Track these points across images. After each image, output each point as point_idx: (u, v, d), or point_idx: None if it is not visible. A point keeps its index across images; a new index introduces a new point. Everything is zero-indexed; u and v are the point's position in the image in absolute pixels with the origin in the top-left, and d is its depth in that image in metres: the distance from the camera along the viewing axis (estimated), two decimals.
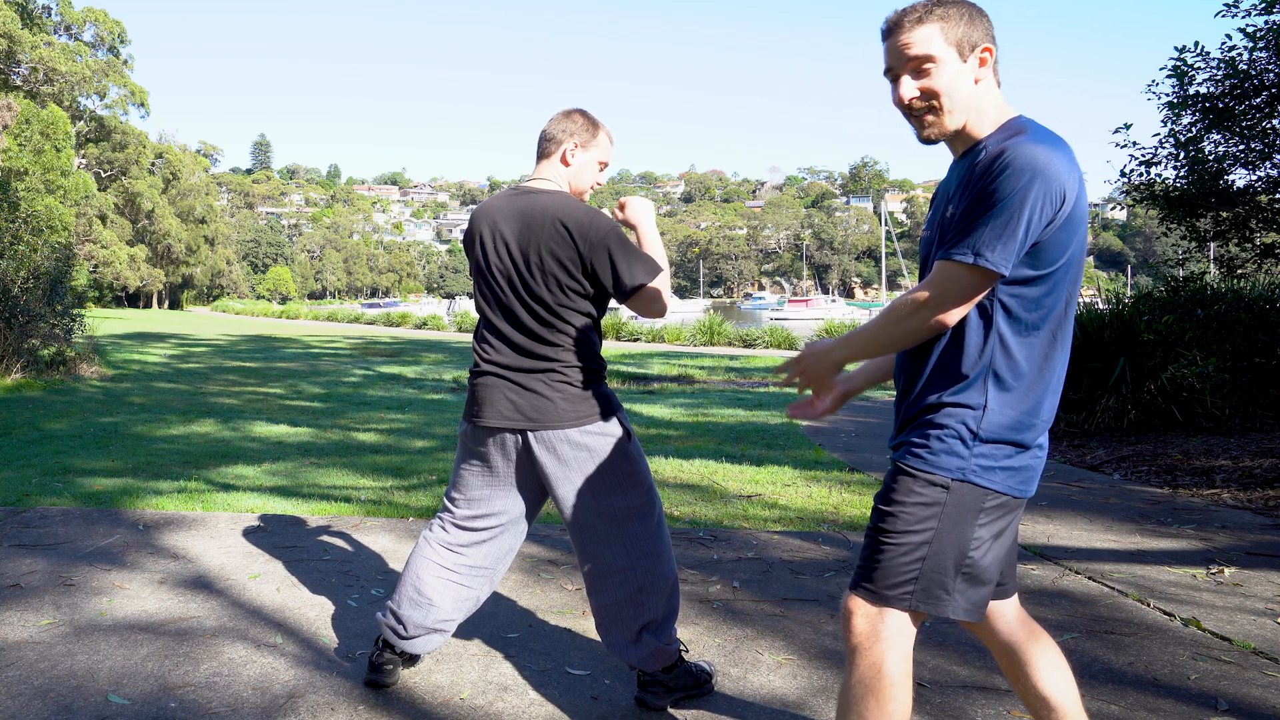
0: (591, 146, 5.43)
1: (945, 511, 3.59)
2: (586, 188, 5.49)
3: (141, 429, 16.55)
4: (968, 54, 3.66)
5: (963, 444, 3.61)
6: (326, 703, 5.36)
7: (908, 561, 3.61)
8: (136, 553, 8.38)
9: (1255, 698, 5.45)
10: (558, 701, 5.42)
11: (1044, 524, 9.68)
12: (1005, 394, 3.61)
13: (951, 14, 3.65)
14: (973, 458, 3.60)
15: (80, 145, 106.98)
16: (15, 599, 7.12)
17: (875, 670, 3.60)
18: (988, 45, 3.69)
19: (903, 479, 3.67)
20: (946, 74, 3.65)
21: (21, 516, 9.65)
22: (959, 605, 3.65)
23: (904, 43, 3.68)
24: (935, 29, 3.64)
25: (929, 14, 3.65)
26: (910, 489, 3.64)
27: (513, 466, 5.36)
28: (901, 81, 3.73)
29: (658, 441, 15.22)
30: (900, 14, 3.72)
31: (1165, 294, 15.74)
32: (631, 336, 58.01)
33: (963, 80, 3.67)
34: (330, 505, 10.37)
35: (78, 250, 64.25)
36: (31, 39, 79.72)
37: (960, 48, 3.65)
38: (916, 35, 3.65)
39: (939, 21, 3.64)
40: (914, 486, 3.63)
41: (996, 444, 3.62)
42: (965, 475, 3.59)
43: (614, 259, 5.06)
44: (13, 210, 25.87)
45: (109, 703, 5.30)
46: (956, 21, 3.65)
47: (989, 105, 3.74)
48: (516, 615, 6.91)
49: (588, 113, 5.49)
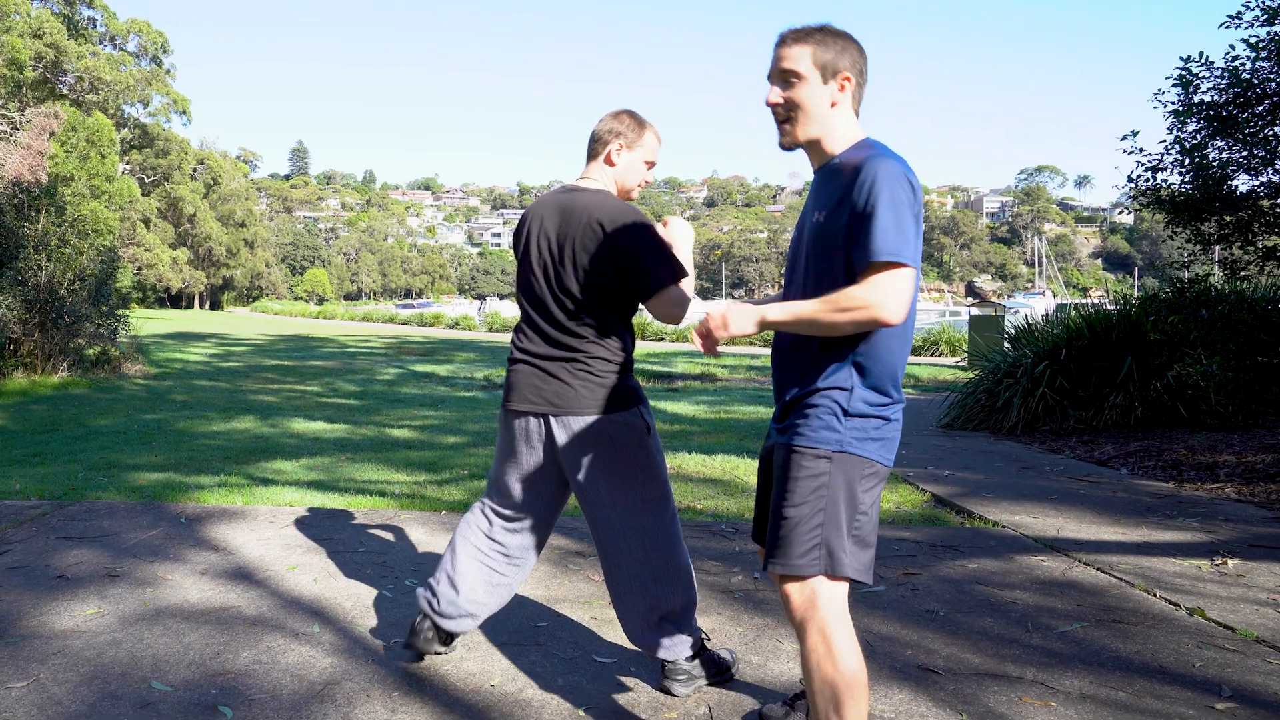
0: (637, 146, 5.46)
1: (831, 481, 3.98)
2: (633, 186, 5.51)
3: (183, 425, 16.59)
4: (829, 78, 4.10)
5: (837, 420, 4.01)
6: (362, 689, 5.38)
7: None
8: (179, 545, 8.42)
9: (1258, 685, 5.44)
10: (584, 689, 5.42)
11: (1054, 517, 9.68)
12: (866, 378, 4.03)
13: (827, 41, 4.11)
14: (847, 432, 4.01)
15: (125, 152, 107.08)
16: (62, 589, 7.14)
17: (821, 636, 3.92)
18: (848, 75, 4.12)
19: (793, 457, 4.05)
20: (805, 90, 4.10)
21: (68, 510, 9.69)
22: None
23: (781, 55, 4.16)
24: (808, 51, 4.10)
25: (808, 37, 4.12)
26: (800, 465, 4.02)
27: (536, 453, 5.37)
28: (771, 88, 4.20)
29: (681, 437, 15.24)
30: (787, 31, 4.20)
31: (1171, 295, 15.69)
32: (656, 336, 58.16)
33: (819, 99, 4.11)
34: (365, 499, 10.39)
35: (122, 253, 64.43)
36: (78, 49, 79.81)
37: (824, 71, 4.09)
38: (792, 52, 4.12)
39: (814, 45, 4.10)
40: (802, 462, 4.02)
41: (864, 419, 4.03)
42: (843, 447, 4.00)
43: (644, 259, 5.07)
44: (60, 214, 25.92)
45: (152, 689, 5.31)
46: (828, 49, 4.10)
47: (841, 126, 4.16)
48: (545, 605, 6.92)
49: (635, 113, 5.52)
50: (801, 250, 4.26)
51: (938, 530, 9.23)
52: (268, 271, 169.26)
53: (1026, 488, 11.13)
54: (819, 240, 4.07)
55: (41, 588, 7.16)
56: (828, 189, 4.09)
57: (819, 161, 4.23)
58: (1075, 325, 16.54)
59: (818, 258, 4.09)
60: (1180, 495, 10.71)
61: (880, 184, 3.79)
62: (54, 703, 5.14)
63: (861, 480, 4.02)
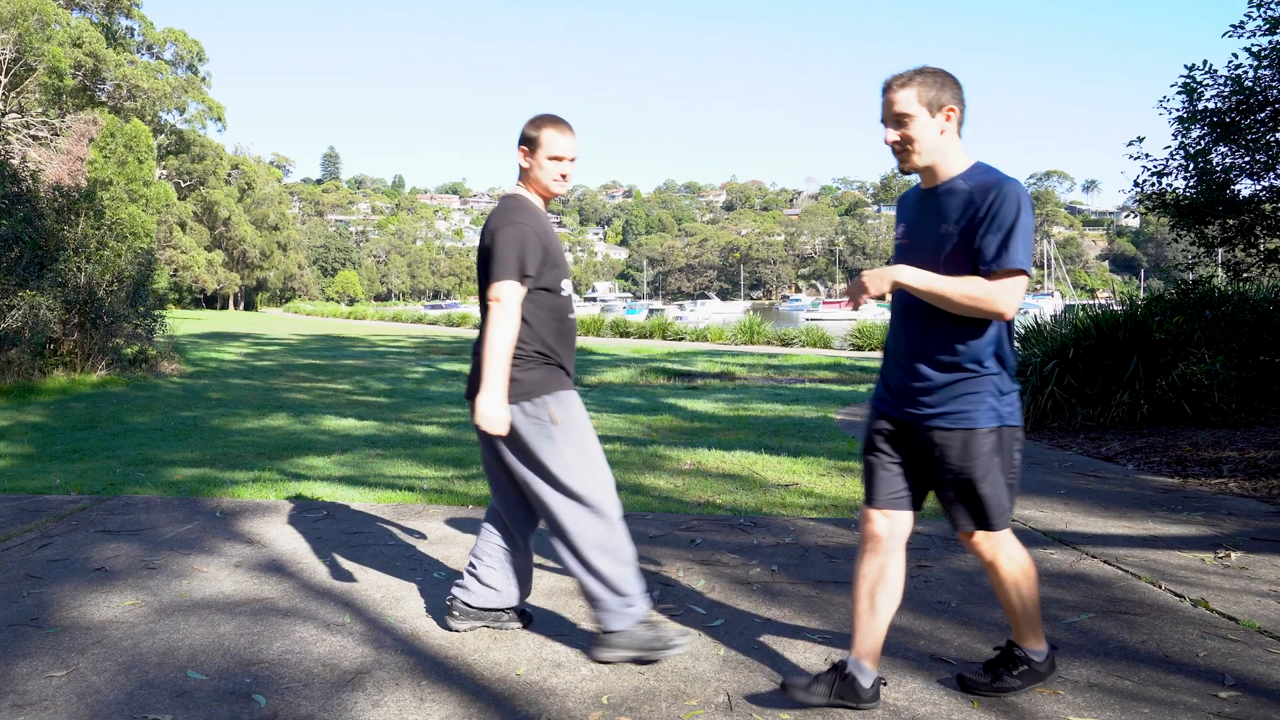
0: (539, 148, 5.63)
1: (1003, 451, 4.87)
2: (549, 184, 5.68)
3: (218, 422, 16.62)
4: (936, 112, 4.74)
5: (995, 400, 4.83)
6: (392, 678, 5.40)
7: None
8: (214, 538, 8.45)
9: (1260, 674, 5.43)
10: (606, 678, 5.43)
11: (1062, 511, 9.66)
12: (1005, 365, 4.89)
13: (928, 81, 4.75)
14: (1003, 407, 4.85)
15: (161, 157, 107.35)
16: (101, 581, 7.18)
17: (1011, 561, 5.03)
18: (952, 106, 4.76)
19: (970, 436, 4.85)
20: (918, 125, 4.74)
21: (107, 504, 9.72)
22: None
23: (890, 100, 4.80)
24: (914, 92, 4.74)
25: (911, 81, 4.77)
26: (980, 442, 4.84)
27: (485, 441, 5.76)
28: (887, 129, 4.86)
29: (701, 434, 15.22)
30: (892, 78, 4.85)
31: (1175, 296, 15.69)
32: (677, 336, 58.21)
33: (930, 130, 4.75)
34: (395, 494, 10.40)
35: (159, 255, 64.41)
36: (116, 58, 79.99)
37: (930, 107, 4.73)
38: (899, 96, 4.77)
39: (918, 87, 4.74)
40: (981, 440, 4.83)
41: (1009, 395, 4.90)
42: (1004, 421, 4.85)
43: (492, 257, 5.45)
44: (98, 218, 25.99)
45: (188, 678, 5.34)
46: (930, 87, 4.74)
47: (951, 151, 4.81)
48: (568, 597, 6.93)
49: (536, 116, 5.74)
50: (925, 257, 4.85)
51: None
52: (300, 273, 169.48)
53: (1035, 483, 11.12)
54: (945, 244, 4.77)
55: (81, 580, 7.20)
56: (954, 204, 4.76)
57: (932, 182, 4.89)
58: (1083, 325, 16.51)
59: (960, 263, 4.73)
60: (1185, 490, 10.69)
61: (1013, 205, 4.55)
62: (93, 691, 5.17)
63: (1015, 444, 4.93)
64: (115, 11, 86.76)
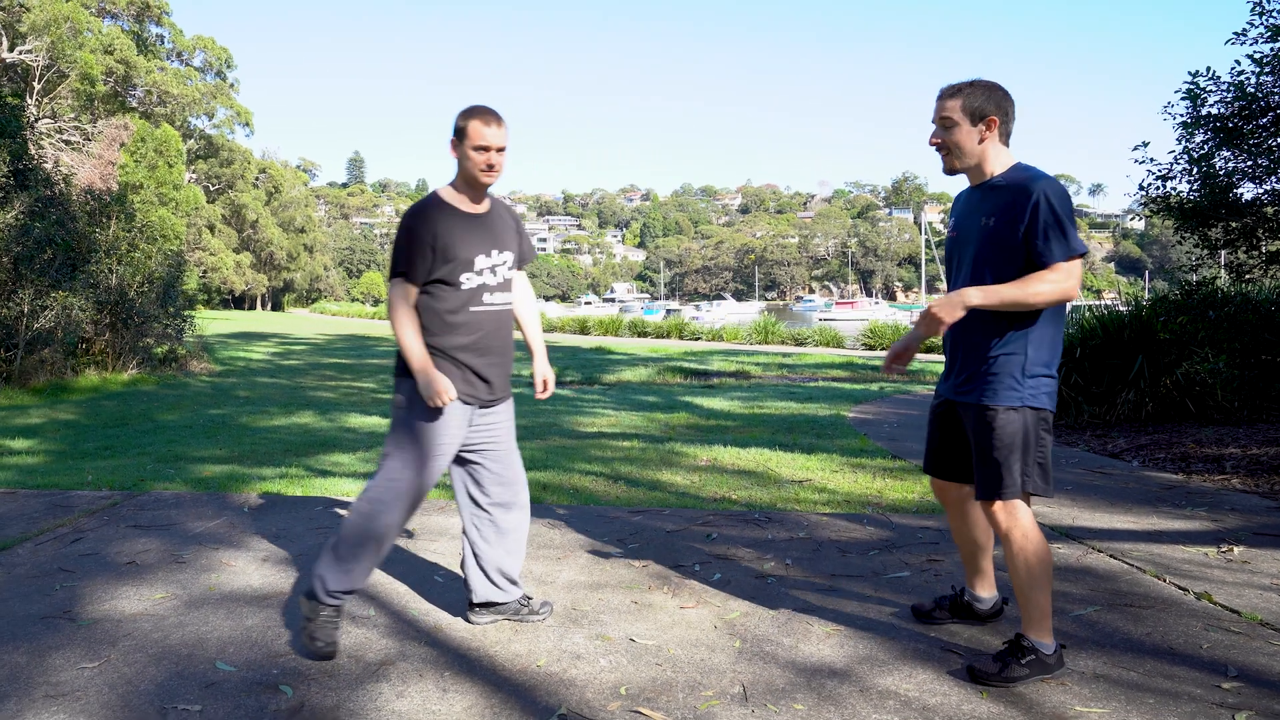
0: (465, 138, 5.72)
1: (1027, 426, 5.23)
2: (476, 174, 5.75)
3: (246, 420, 16.67)
4: (978, 121, 5.26)
5: (1016, 381, 5.23)
6: (415, 670, 5.40)
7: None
8: (242, 533, 8.45)
9: (1262, 665, 5.43)
10: (625, 669, 5.44)
11: (1069, 507, 9.64)
12: (1036, 350, 5.24)
13: (975, 92, 5.27)
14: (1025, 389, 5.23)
15: (191, 161, 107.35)
16: (131, 575, 7.19)
17: (1023, 535, 5.24)
18: (994, 116, 5.26)
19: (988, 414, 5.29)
20: (959, 132, 5.29)
21: (137, 500, 9.72)
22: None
23: (940, 106, 5.35)
24: (959, 101, 5.28)
25: (959, 91, 5.30)
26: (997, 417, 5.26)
27: None
28: (934, 131, 5.40)
29: (717, 431, 15.24)
30: (945, 87, 5.37)
31: (1180, 297, 15.70)
32: (693, 336, 58.38)
33: (970, 137, 5.28)
34: None
35: (188, 257, 64.62)
36: (146, 65, 79.94)
37: (973, 116, 5.25)
38: (947, 104, 5.31)
39: (963, 97, 5.28)
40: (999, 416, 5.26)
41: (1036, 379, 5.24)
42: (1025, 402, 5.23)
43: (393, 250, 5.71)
44: (129, 221, 26.13)
45: (217, 669, 5.36)
46: (974, 97, 5.26)
47: (993, 153, 5.33)
48: (588, 590, 6.93)
49: (464, 109, 5.81)
50: (968, 247, 5.44)
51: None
52: (326, 274, 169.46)
53: None
54: (991, 239, 5.24)
55: (112, 573, 7.22)
56: (992, 200, 5.27)
57: (977, 180, 5.43)
58: (1089, 325, 16.52)
59: (993, 251, 5.24)
60: (1189, 486, 10.67)
61: (1055, 199, 5.02)
62: (124, 682, 5.19)
63: (1041, 425, 5.26)
64: (146, 19, 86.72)
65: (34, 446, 13.72)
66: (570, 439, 14.41)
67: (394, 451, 5.68)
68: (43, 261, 22.04)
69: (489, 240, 5.82)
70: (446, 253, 5.63)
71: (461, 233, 5.69)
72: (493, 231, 5.87)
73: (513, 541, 6.13)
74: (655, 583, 7.10)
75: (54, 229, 22.66)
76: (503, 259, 5.90)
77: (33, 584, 6.98)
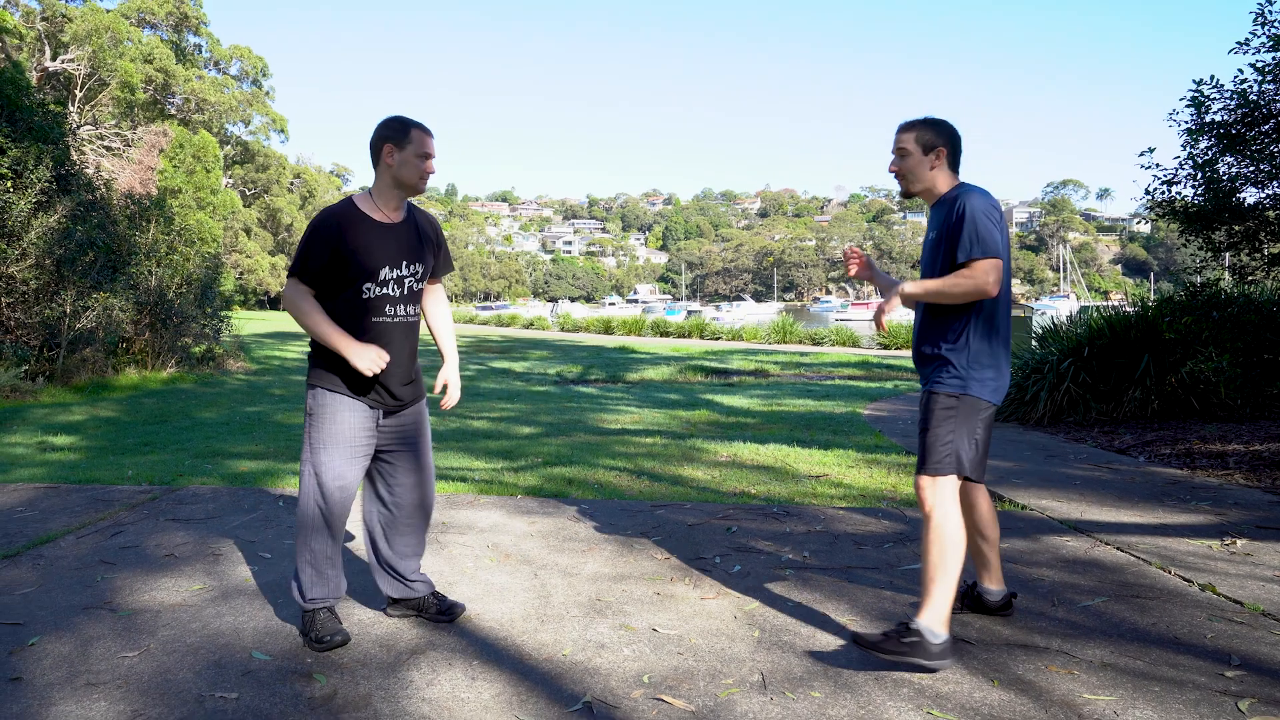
0: (407, 145, 5.70)
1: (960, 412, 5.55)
2: (414, 180, 5.77)
3: (281, 417, 16.71)
4: (928, 151, 5.73)
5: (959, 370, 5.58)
6: (444, 659, 5.42)
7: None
8: (276, 526, 8.50)
9: (1264, 654, 5.42)
10: (647, 658, 5.45)
11: (1077, 501, 9.65)
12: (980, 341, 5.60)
13: (926, 128, 5.77)
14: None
15: (228, 167, 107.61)
16: (170, 567, 7.23)
17: (944, 515, 5.41)
18: (942, 147, 5.73)
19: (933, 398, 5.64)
20: (912, 161, 5.76)
21: (176, 494, 9.78)
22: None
23: (897, 139, 5.84)
24: (913, 135, 5.77)
25: (912, 127, 5.81)
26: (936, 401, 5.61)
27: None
28: (892, 160, 5.87)
29: (737, 428, 15.24)
30: (901, 124, 5.87)
31: (1184, 298, 15.67)
32: (714, 335, 58.41)
33: (922, 165, 5.76)
34: (448, 484, 10.41)
35: (225, 259, 64.69)
36: (185, 73, 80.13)
37: (924, 147, 5.74)
38: (902, 137, 5.81)
39: (916, 131, 5.78)
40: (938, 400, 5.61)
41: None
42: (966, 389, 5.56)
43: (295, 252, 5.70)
44: (168, 224, 26.20)
45: (253, 659, 5.38)
46: (926, 133, 5.75)
47: (942, 179, 5.78)
48: (611, 581, 6.95)
49: (400, 117, 5.83)
50: (927, 251, 5.87)
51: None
52: None
53: (1052, 474, 11.11)
54: (933, 248, 5.76)
55: (152, 565, 7.26)
56: (936, 215, 5.77)
57: (931, 200, 5.84)
58: (1097, 325, 16.51)
59: (932, 258, 5.75)
60: (1193, 481, 10.66)
61: (977, 208, 5.41)
62: (163, 670, 5.22)
63: (977, 414, 5.55)
64: (184, 30, 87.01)
65: (76, 443, 13.77)
66: (595, 435, 14.47)
67: (306, 455, 5.71)
68: (85, 264, 22.14)
69: (398, 251, 5.74)
70: (350, 260, 5.56)
71: (368, 242, 5.62)
72: (403, 242, 5.79)
73: (415, 541, 6.18)
74: (677, 574, 7.13)
75: (95, 232, 22.76)
76: (411, 270, 5.83)
77: (75, 576, 7.03)
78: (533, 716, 4.69)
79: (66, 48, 65.52)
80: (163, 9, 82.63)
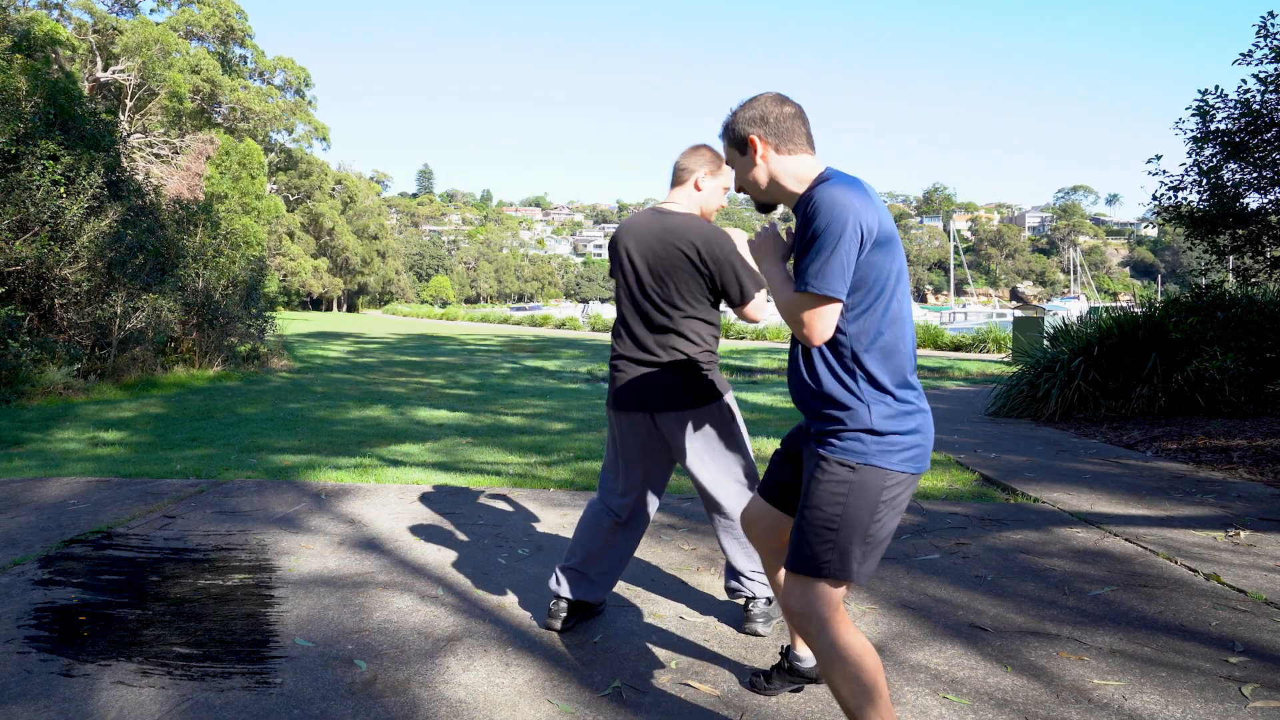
0: (720, 175, 5.53)
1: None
2: (714, 209, 5.58)
3: (323, 413, 16.71)
4: (745, 150, 3.96)
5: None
6: (480, 645, 5.43)
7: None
8: (318, 518, 8.50)
9: (1267, 641, 5.42)
10: (675, 644, 5.46)
11: (1087, 494, 9.63)
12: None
13: (733, 122, 4.02)
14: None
15: (272, 173, 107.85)
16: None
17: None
18: (752, 135, 3.94)
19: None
20: (737, 169, 4.06)
21: (221, 488, 9.79)
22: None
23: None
24: (725, 140, 4.09)
25: (724, 131, 4.10)
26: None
27: (641, 442, 5.52)
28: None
29: (760, 424, 15.19)
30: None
31: (1190, 299, 15.69)
32: (738, 335, 58.14)
33: (745, 169, 4.00)
34: (483, 478, 10.42)
35: (269, 262, 65.08)
36: (230, 83, 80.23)
37: (739, 146, 4.01)
38: (724, 148, 4.13)
39: (727, 134, 4.07)
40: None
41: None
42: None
43: (736, 273, 5.26)
44: (215, 229, 26.34)
45: (297, 645, 5.39)
46: (733, 128, 4.03)
47: (781, 170, 3.92)
48: (641, 571, 6.95)
49: (713, 148, 5.58)
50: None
51: (985, 505, 9.19)
52: (397, 278, 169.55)
53: (1063, 468, 11.09)
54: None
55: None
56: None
57: (791, 203, 4.11)
58: (1106, 325, 16.48)
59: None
60: (1198, 475, 10.65)
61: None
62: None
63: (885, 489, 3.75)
64: (230, 41, 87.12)
65: (125, 438, 13.81)
66: None
67: (728, 459, 5.52)
68: (134, 266, 22.20)
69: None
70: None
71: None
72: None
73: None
74: (703, 564, 7.14)
75: (145, 236, 22.84)
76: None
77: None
78: (565, 701, 4.70)
79: (117, 59, 65.72)
80: (209, 22, 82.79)
